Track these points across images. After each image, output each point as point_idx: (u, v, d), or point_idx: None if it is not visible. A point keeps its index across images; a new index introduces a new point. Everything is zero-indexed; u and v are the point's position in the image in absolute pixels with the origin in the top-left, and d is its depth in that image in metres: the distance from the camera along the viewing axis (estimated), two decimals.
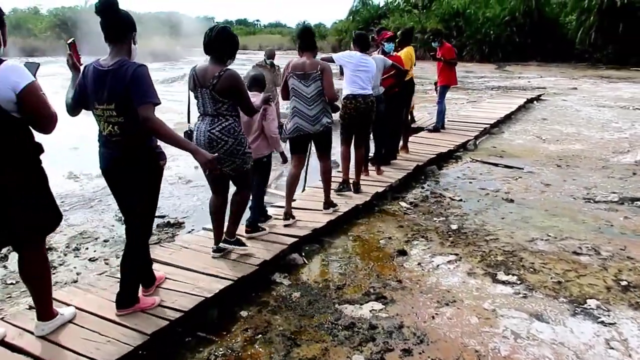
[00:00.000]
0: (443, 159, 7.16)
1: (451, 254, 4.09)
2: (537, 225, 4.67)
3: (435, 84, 8.46)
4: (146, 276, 3.10)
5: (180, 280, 3.33)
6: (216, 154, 2.91)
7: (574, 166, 6.77)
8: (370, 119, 5.26)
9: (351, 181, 5.38)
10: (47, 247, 2.99)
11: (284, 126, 4.46)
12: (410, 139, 7.45)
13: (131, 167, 2.69)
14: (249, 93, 3.54)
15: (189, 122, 3.59)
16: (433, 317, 3.14)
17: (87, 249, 4.55)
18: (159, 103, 2.58)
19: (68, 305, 2.96)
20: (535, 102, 12.27)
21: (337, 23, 43.37)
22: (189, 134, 3.42)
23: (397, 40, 6.55)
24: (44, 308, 2.66)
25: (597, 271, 3.73)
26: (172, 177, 6.79)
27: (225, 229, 3.72)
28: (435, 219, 4.90)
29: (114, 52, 2.61)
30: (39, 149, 2.45)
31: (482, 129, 8.74)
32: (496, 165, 6.92)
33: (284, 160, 4.36)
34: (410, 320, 3.11)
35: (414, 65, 6.81)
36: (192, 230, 4.94)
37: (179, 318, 2.88)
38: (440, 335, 2.94)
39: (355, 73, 5.04)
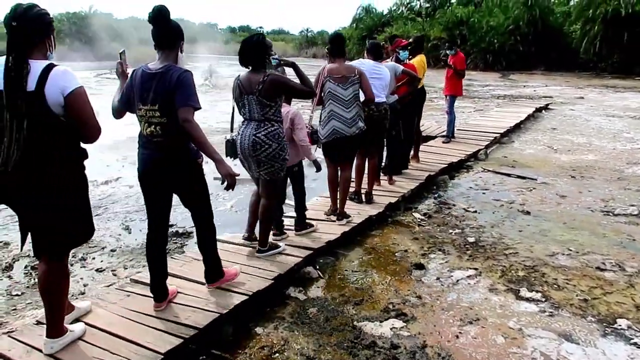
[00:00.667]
0: (454, 169, 7.05)
1: (470, 268, 3.96)
2: (556, 238, 4.54)
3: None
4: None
5: (193, 294, 3.20)
6: (238, 173, 2.96)
7: (588, 177, 6.65)
8: (384, 127, 5.15)
9: (363, 191, 5.27)
10: None
11: (318, 131, 4.43)
12: (420, 148, 7.33)
13: (173, 167, 2.82)
14: None
15: (231, 131, 3.71)
16: (457, 337, 3.00)
17: (93, 259, 4.42)
18: (200, 108, 2.72)
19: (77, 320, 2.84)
20: (543, 111, 12.17)
21: (340, 30, 43.47)
22: (230, 142, 3.60)
23: (409, 48, 6.47)
24: (55, 324, 2.56)
25: (623, 288, 3.60)
26: None
27: (258, 239, 3.87)
28: (451, 231, 4.77)
29: (163, 57, 2.76)
30: (83, 154, 2.47)
31: (492, 138, 8.63)
32: (508, 175, 6.80)
33: (318, 169, 4.24)
34: (433, 339, 2.98)
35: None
36: None
37: (194, 335, 2.75)
38: (466, 357, 2.81)
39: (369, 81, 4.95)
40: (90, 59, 29.85)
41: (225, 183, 2.89)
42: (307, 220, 4.41)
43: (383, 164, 5.99)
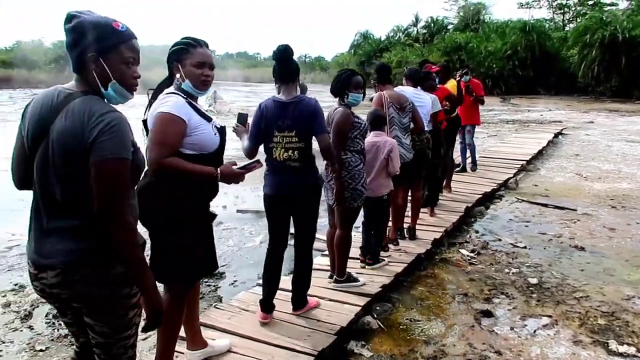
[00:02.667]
0: (487, 199, 6.73)
1: (543, 315, 3.59)
2: (625, 279, 4.19)
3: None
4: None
5: (250, 355, 2.80)
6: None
7: (630, 208, 6.34)
8: (427, 157, 4.85)
9: (405, 226, 4.92)
10: None
11: None
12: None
13: (306, 190, 3.05)
14: (371, 133, 3.96)
15: None
16: None
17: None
18: (329, 132, 3.13)
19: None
20: (560, 136, 11.97)
21: (338, 56, 43.77)
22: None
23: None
24: (196, 337, 2.69)
25: None
26: None
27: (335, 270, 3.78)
28: (506, 270, 4.41)
29: (287, 90, 3.02)
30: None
31: (519, 165, 8.36)
32: (545, 205, 6.48)
33: None
34: None
35: None
36: (235, 281, 4.42)
37: None
38: None
39: None
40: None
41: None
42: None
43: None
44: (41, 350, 3.30)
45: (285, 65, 3.04)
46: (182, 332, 2.59)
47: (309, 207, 3.14)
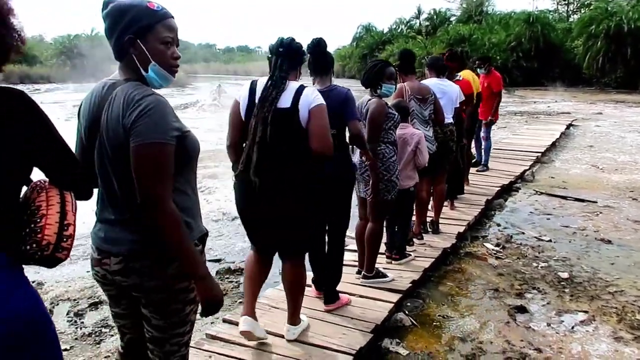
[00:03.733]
0: (505, 191, 6.62)
1: (579, 310, 3.49)
2: None
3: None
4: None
5: (285, 354, 2.71)
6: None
7: None
8: (451, 149, 4.75)
9: (428, 220, 4.82)
10: None
11: None
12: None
13: (341, 177, 3.04)
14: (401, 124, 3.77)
15: None
16: None
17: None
18: (361, 120, 3.13)
19: None
20: (571, 127, 11.85)
21: (340, 49, 43.45)
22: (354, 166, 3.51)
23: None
24: (295, 313, 2.86)
25: None
26: (214, 212, 6.19)
27: (364, 265, 3.69)
28: (534, 264, 4.31)
29: (321, 81, 3.07)
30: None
31: (534, 158, 8.25)
32: (565, 198, 6.38)
33: None
34: None
35: None
36: None
37: None
38: None
39: None
40: (94, 80, 29.48)
41: None
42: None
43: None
44: (65, 350, 3.21)
45: (319, 58, 3.06)
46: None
47: (340, 196, 3.11)
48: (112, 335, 3.37)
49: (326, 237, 3.27)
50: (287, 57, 2.56)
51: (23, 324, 1.34)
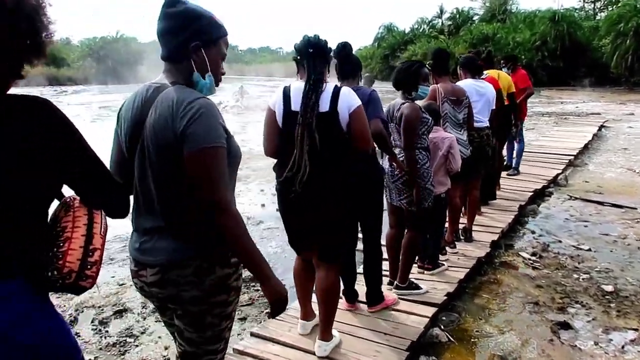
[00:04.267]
0: (537, 197, 6.37)
1: (628, 328, 3.27)
2: None
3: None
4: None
5: None
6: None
7: None
8: (487, 154, 4.55)
9: (460, 227, 4.63)
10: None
11: None
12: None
13: (369, 177, 3.00)
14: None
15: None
16: None
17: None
18: (385, 120, 3.10)
19: None
20: (603, 129, 11.46)
21: (362, 49, 43.12)
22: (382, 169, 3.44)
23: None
24: (328, 327, 2.75)
25: None
26: None
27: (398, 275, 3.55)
28: (575, 275, 4.09)
29: (348, 84, 2.92)
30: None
31: (566, 161, 7.95)
32: (601, 203, 6.10)
33: None
34: None
35: None
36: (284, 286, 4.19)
37: None
38: None
39: None
40: (124, 82, 29.88)
41: None
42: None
43: None
44: None
45: (345, 62, 3.05)
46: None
47: (370, 196, 3.06)
48: (137, 346, 3.29)
49: (360, 245, 3.20)
50: (317, 56, 2.48)
51: (46, 353, 1.23)
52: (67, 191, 1.44)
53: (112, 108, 15.80)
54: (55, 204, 1.42)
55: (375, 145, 3.03)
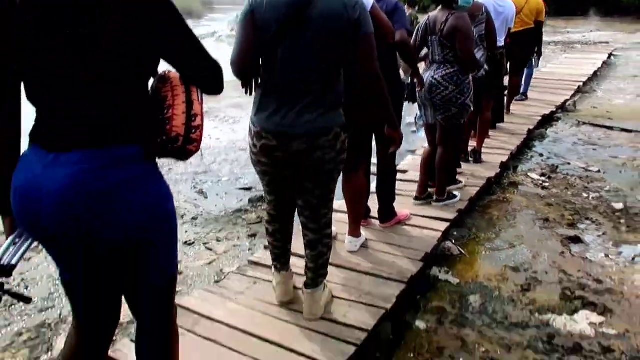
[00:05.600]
0: (546, 122, 6.28)
1: (638, 242, 3.30)
2: None
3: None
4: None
5: (337, 282, 2.58)
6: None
7: None
8: (501, 74, 4.40)
9: (470, 148, 4.57)
10: None
11: None
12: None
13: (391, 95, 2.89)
14: None
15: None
16: None
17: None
18: (411, 30, 3.05)
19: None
20: (612, 57, 11.15)
21: None
22: (410, 85, 3.48)
23: None
24: (357, 225, 2.94)
25: None
26: (240, 141, 5.99)
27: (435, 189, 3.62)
28: (584, 194, 4.08)
29: None
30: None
31: (575, 87, 7.78)
32: (610, 128, 6.02)
33: None
34: None
35: None
36: None
37: (365, 340, 2.14)
38: None
39: None
40: None
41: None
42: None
43: None
44: None
45: None
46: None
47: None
48: None
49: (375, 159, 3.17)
50: None
51: (151, 216, 1.30)
52: None
53: None
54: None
55: (401, 60, 3.00)
